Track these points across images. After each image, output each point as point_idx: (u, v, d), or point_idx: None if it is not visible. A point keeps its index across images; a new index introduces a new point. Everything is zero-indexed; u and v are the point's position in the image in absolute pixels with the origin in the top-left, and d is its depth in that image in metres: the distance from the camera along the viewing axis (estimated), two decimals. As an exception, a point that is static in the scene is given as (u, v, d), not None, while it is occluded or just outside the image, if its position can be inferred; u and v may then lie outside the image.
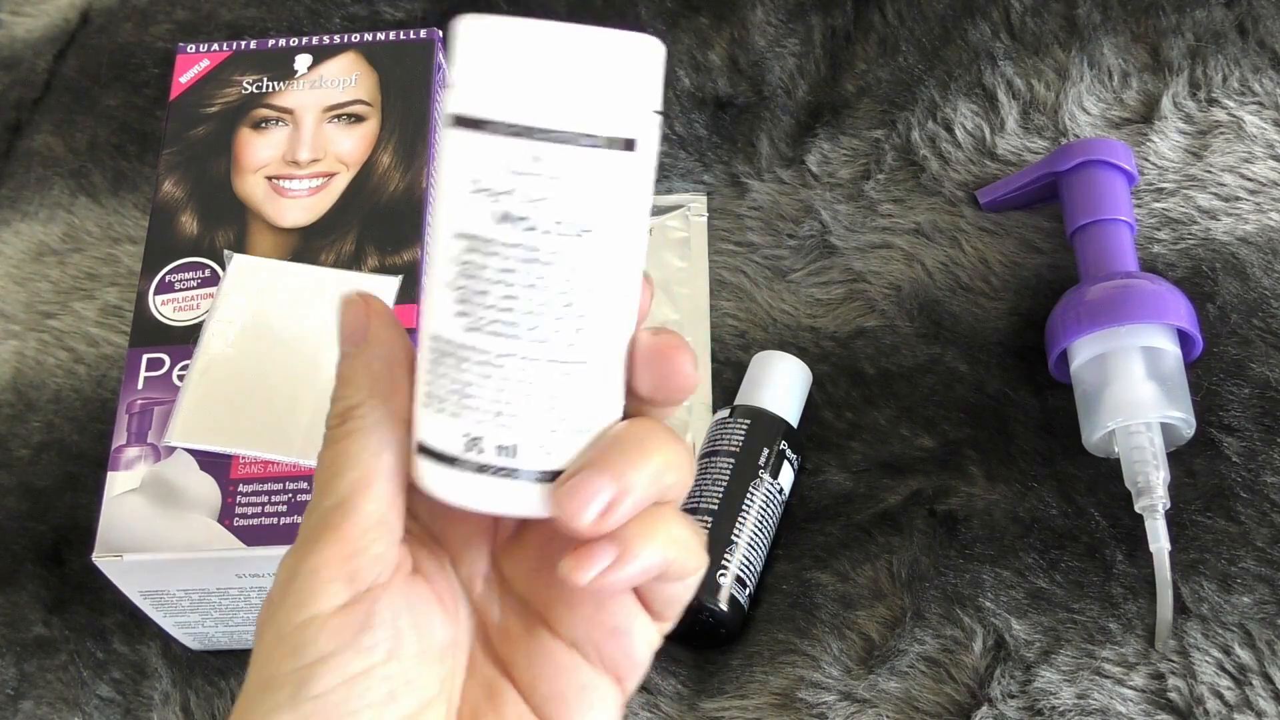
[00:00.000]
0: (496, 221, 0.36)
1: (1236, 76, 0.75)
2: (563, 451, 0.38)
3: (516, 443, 0.37)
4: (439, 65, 0.68)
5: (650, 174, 0.37)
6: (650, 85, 0.37)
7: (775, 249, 0.73)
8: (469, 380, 0.37)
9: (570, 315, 0.37)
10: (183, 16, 0.84)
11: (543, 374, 0.37)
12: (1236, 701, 0.59)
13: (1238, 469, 0.64)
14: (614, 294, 0.38)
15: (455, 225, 0.37)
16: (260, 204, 0.64)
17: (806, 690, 0.61)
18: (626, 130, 0.36)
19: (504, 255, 0.36)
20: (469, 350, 0.37)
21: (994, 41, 0.78)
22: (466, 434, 0.38)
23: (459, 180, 0.37)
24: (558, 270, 0.36)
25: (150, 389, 0.59)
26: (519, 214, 0.36)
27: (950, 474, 0.65)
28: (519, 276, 0.36)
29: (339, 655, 0.37)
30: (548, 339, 0.37)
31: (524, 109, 0.35)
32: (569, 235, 0.36)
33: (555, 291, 0.37)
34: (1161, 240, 0.70)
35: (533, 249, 0.36)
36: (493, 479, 0.38)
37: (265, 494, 0.56)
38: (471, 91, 0.36)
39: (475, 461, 0.38)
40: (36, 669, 0.66)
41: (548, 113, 0.35)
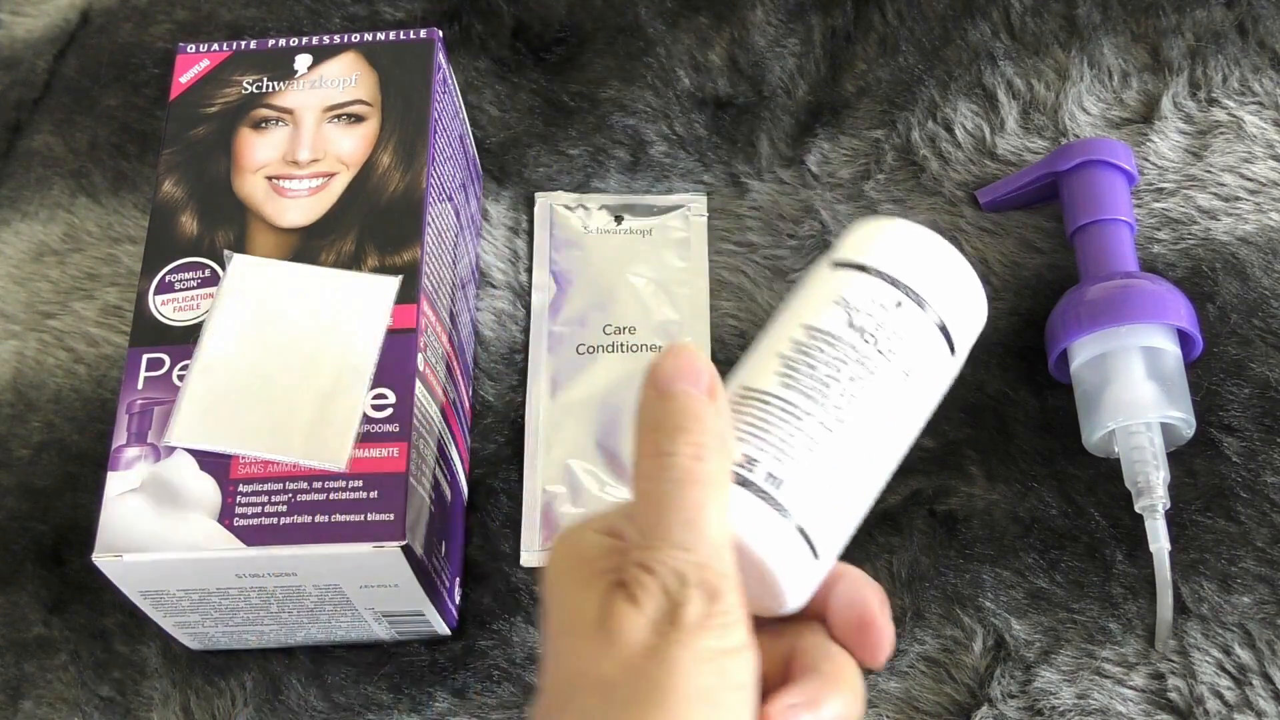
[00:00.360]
0: (846, 326, 0.46)
1: (1236, 76, 0.75)
2: (817, 519, 0.44)
3: (785, 478, 0.43)
4: (439, 65, 0.68)
5: (950, 380, 0.47)
6: (969, 332, 0.48)
7: (775, 249, 0.73)
8: (768, 419, 0.44)
9: (868, 417, 0.45)
10: (183, 16, 0.84)
11: (830, 443, 0.44)
12: (1236, 701, 0.59)
13: (1238, 469, 0.64)
14: (904, 430, 0.46)
15: (807, 318, 0.46)
16: (260, 204, 0.64)
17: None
18: (952, 332, 0.47)
19: (841, 350, 0.45)
20: (777, 399, 0.44)
21: (994, 41, 0.78)
22: (747, 454, 0.43)
23: (827, 294, 0.47)
24: (876, 383, 0.45)
25: (150, 389, 0.59)
26: (869, 330, 0.46)
27: (950, 474, 0.65)
28: (846, 369, 0.45)
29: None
30: (845, 420, 0.44)
31: (901, 270, 0.47)
32: (894, 366, 0.45)
33: (867, 394, 0.45)
34: (1161, 240, 0.70)
35: (865, 357, 0.45)
36: (754, 497, 0.42)
37: (265, 494, 0.56)
38: (863, 247, 0.47)
39: (744, 476, 0.43)
40: (36, 669, 0.66)
41: (916, 281, 0.47)
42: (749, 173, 0.76)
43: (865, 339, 0.46)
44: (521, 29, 0.82)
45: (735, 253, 0.74)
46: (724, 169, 0.76)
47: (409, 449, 0.57)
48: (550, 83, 0.80)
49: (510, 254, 0.75)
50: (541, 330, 0.72)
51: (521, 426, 0.69)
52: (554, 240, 0.74)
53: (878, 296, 0.47)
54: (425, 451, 0.59)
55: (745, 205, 0.75)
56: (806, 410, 0.44)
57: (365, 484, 0.56)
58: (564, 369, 0.70)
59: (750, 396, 0.45)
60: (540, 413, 0.69)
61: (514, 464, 0.68)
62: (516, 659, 0.64)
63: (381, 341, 0.60)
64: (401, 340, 0.60)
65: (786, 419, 0.44)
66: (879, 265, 0.48)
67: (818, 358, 0.45)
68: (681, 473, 0.40)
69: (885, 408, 0.46)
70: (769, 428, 0.44)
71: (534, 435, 0.69)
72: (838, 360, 0.45)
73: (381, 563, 0.56)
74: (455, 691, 0.63)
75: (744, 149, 0.77)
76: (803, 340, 0.46)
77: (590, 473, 0.68)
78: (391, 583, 0.58)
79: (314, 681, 0.64)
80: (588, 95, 0.79)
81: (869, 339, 0.46)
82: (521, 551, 0.66)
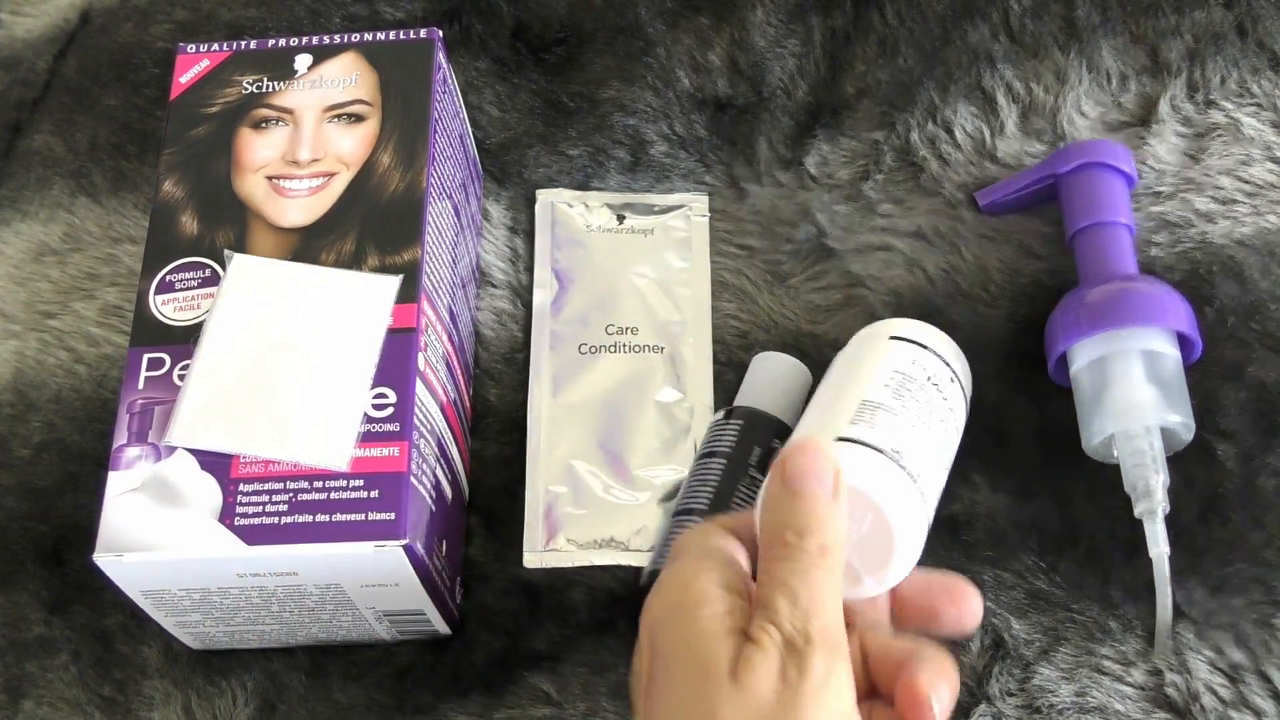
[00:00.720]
0: (925, 380, 0.55)
1: (1235, 78, 0.75)
2: (930, 491, 0.53)
3: (920, 474, 0.51)
4: (439, 65, 0.68)
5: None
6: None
7: (774, 253, 0.74)
8: (897, 425, 0.52)
9: (944, 447, 0.54)
10: (183, 16, 0.84)
11: (926, 447, 0.53)
12: (1232, 699, 0.59)
13: (1233, 474, 0.64)
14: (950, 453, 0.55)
15: (895, 365, 0.55)
16: (260, 204, 0.64)
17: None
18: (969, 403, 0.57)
19: (928, 392, 0.54)
20: (900, 410, 0.53)
21: (993, 43, 0.78)
22: (894, 446, 0.51)
23: (903, 356, 0.56)
24: (944, 425, 0.54)
25: (151, 389, 0.59)
26: (943, 390, 0.55)
27: (951, 479, 0.65)
28: (934, 406, 0.54)
29: None
30: (935, 441, 0.53)
31: (949, 354, 0.57)
32: (950, 422, 0.55)
33: (942, 429, 0.54)
34: (1159, 243, 0.71)
35: (939, 403, 0.55)
36: (906, 477, 0.50)
37: (266, 493, 0.57)
38: (916, 332, 0.57)
39: (898, 461, 0.51)
40: (38, 669, 0.66)
41: (956, 364, 0.57)
42: (748, 175, 0.76)
43: (939, 392, 0.55)
44: (521, 29, 0.82)
45: (736, 255, 0.74)
46: (724, 170, 0.76)
47: (410, 448, 0.57)
48: (550, 83, 0.80)
49: (510, 253, 0.75)
50: (544, 328, 0.72)
51: (523, 426, 0.69)
52: (555, 238, 0.74)
53: (939, 370, 0.56)
54: (426, 451, 0.59)
55: (745, 209, 0.75)
56: (919, 427, 0.53)
57: (366, 483, 0.57)
58: (566, 368, 0.70)
59: (878, 406, 0.53)
60: (542, 412, 0.69)
61: (515, 464, 0.69)
62: (518, 658, 0.64)
63: (382, 341, 0.60)
64: (402, 339, 0.60)
65: (913, 427, 0.53)
66: (934, 346, 0.57)
67: (917, 394, 0.54)
68: (809, 563, 0.46)
69: (948, 448, 0.55)
70: (901, 431, 0.52)
71: (536, 435, 0.69)
72: (929, 401, 0.54)
73: (383, 562, 0.56)
74: (456, 691, 0.63)
75: (744, 150, 0.77)
76: (899, 379, 0.55)
77: (592, 473, 0.68)
78: (392, 582, 0.58)
79: (315, 681, 0.64)
80: (588, 95, 0.79)
81: (941, 393, 0.55)
82: (524, 552, 0.66)
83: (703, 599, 0.46)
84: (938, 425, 0.54)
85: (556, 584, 0.66)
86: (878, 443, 0.51)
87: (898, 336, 0.57)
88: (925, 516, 0.52)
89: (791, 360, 0.68)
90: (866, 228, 0.73)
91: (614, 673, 0.63)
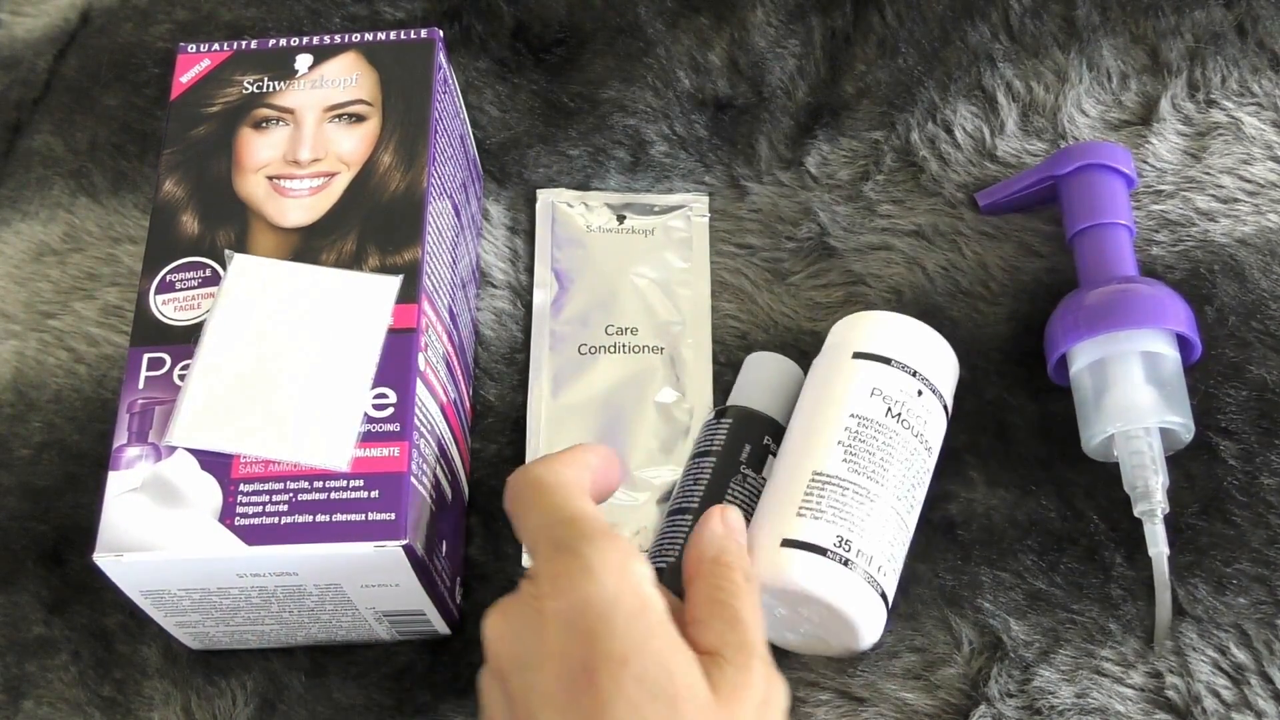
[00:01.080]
0: (885, 414, 0.60)
1: (1235, 77, 0.75)
2: (890, 580, 0.59)
3: (873, 554, 0.58)
4: (439, 65, 0.68)
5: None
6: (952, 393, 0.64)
7: (774, 251, 0.74)
8: (847, 503, 0.58)
9: (910, 486, 0.60)
10: (183, 16, 0.84)
11: (891, 515, 0.59)
12: (1234, 701, 0.59)
13: (1234, 472, 0.64)
14: (924, 488, 0.62)
15: (853, 408, 0.60)
16: (261, 204, 0.64)
17: (804, 690, 0.61)
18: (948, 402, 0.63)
19: (887, 435, 0.60)
20: (851, 484, 0.58)
21: (993, 43, 0.78)
22: (839, 536, 0.57)
23: (862, 383, 0.61)
24: (911, 459, 0.60)
25: (151, 388, 0.59)
26: (903, 416, 0.60)
27: (949, 479, 0.65)
28: (894, 453, 0.59)
29: None
30: (899, 495, 0.59)
31: (917, 361, 0.62)
32: (919, 443, 0.61)
33: (907, 469, 0.60)
34: (1160, 242, 0.71)
35: (903, 439, 0.60)
36: (851, 572, 0.57)
37: (266, 494, 0.56)
38: (881, 341, 0.62)
39: (843, 556, 0.57)
40: (37, 669, 0.66)
41: (927, 369, 0.62)
42: (748, 175, 0.76)
43: (902, 424, 0.60)
44: (521, 29, 0.82)
45: (736, 254, 0.74)
46: (724, 170, 0.76)
47: (410, 448, 0.57)
48: (550, 83, 0.80)
49: (510, 254, 0.75)
50: (543, 328, 0.72)
51: (522, 427, 0.69)
52: (556, 238, 0.74)
53: (904, 386, 0.60)
54: (426, 451, 0.59)
55: (745, 208, 0.75)
56: (873, 494, 0.58)
57: (366, 483, 0.57)
58: (566, 369, 0.70)
59: (828, 481, 0.58)
60: (542, 413, 0.69)
61: (515, 464, 0.69)
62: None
63: (382, 341, 0.60)
64: (402, 340, 0.60)
65: (861, 501, 0.58)
66: (900, 358, 0.61)
67: (871, 444, 0.59)
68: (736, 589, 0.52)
69: (917, 476, 0.60)
70: (849, 510, 0.58)
71: (536, 435, 0.69)
72: (887, 446, 0.59)
73: (383, 562, 0.56)
74: (456, 691, 0.63)
75: (744, 150, 0.77)
76: (855, 429, 0.59)
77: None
78: (392, 582, 0.58)
79: (315, 681, 0.64)
80: (588, 96, 0.79)
81: (904, 423, 0.60)
82: (523, 552, 0.66)
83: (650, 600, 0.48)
84: (897, 468, 0.59)
85: (557, 584, 0.66)
86: (820, 540, 0.57)
87: (861, 353, 0.62)
88: (882, 588, 0.58)
89: (780, 358, 0.68)
90: (867, 228, 0.73)
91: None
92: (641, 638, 0.46)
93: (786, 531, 0.58)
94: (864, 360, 0.61)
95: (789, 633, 0.61)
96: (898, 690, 0.60)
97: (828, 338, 0.65)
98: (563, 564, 0.48)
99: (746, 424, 0.65)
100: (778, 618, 0.60)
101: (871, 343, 0.62)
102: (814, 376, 0.64)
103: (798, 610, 0.59)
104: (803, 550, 0.57)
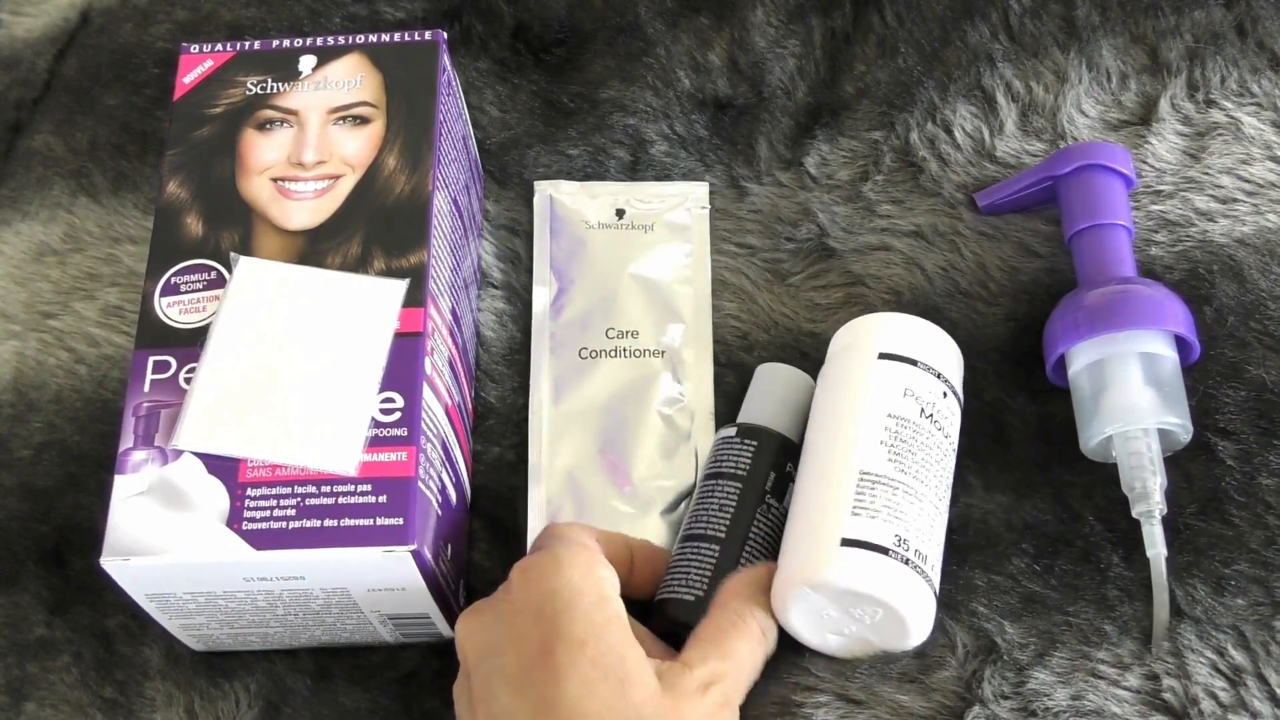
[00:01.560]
0: (919, 415, 0.60)
1: (1235, 78, 0.75)
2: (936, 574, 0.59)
3: (927, 554, 0.58)
4: (444, 67, 0.68)
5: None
6: None
7: (774, 251, 0.74)
8: (899, 502, 0.58)
9: (944, 482, 0.61)
10: (183, 16, 0.84)
11: (935, 511, 0.59)
12: (1231, 702, 0.59)
13: (1233, 472, 0.64)
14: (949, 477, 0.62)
15: (889, 408, 0.60)
16: (265, 206, 0.64)
17: (801, 694, 0.61)
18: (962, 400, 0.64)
19: (924, 435, 0.60)
20: (901, 484, 0.58)
21: (993, 43, 0.78)
22: (897, 535, 0.57)
23: (895, 384, 0.61)
24: (943, 456, 0.61)
25: (157, 392, 0.59)
26: (934, 416, 0.61)
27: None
28: (931, 452, 0.60)
29: None
30: (939, 492, 0.60)
31: (939, 363, 0.62)
32: (947, 441, 0.61)
33: (941, 465, 0.60)
34: (1159, 243, 0.71)
35: (936, 439, 0.60)
36: (912, 572, 0.57)
37: (273, 498, 0.57)
38: (908, 344, 0.62)
39: (903, 555, 0.57)
40: (39, 670, 0.66)
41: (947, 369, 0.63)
42: (748, 175, 0.76)
43: (934, 424, 0.60)
44: (522, 29, 0.82)
45: (736, 254, 0.74)
46: (724, 170, 0.76)
47: (417, 453, 0.57)
48: (550, 83, 0.80)
49: (510, 254, 0.75)
50: (543, 327, 0.72)
51: (523, 429, 0.69)
52: (554, 232, 0.74)
53: (931, 388, 0.61)
54: (433, 455, 0.60)
55: (745, 208, 0.75)
56: (920, 493, 0.59)
57: (374, 488, 0.57)
58: (566, 374, 0.70)
59: (877, 480, 0.58)
60: (543, 418, 0.69)
61: (517, 466, 0.69)
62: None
63: (389, 345, 0.60)
64: (409, 344, 0.60)
65: (911, 501, 0.58)
66: (925, 360, 0.62)
67: (912, 444, 0.59)
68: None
69: (947, 471, 0.61)
70: (902, 509, 0.58)
71: (537, 444, 0.69)
72: (925, 446, 0.60)
73: (391, 567, 0.56)
74: (461, 694, 0.63)
75: (744, 151, 0.77)
76: (894, 429, 0.59)
77: (594, 483, 0.67)
78: (399, 587, 0.58)
79: (318, 684, 0.64)
80: (588, 96, 0.79)
81: (936, 424, 0.60)
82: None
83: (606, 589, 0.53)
84: (935, 467, 0.60)
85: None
86: (880, 540, 0.57)
87: (886, 354, 0.62)
88: (934, 587, 0.58)
89: (796, 372, 0.67)
90: (867, 228, 0.73)
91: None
92: (600, 626, 0.51)
93: (844, 531, 0.57)
94: (891, 361, 0.62)
95: (832, 635, 0.60)
96: (893, 693, 0.60)
97: (835, 341, 0.65)
98: (534, 560, 0.53)
99: (772, 449, 0.64)
100: (824, 619, 0.59)
101: (896, 344, 0.62)
102: (834, 379, 0.63)
103: (850, 611, 0.58)
104: (865, 549, 0.57)
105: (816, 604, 0.58)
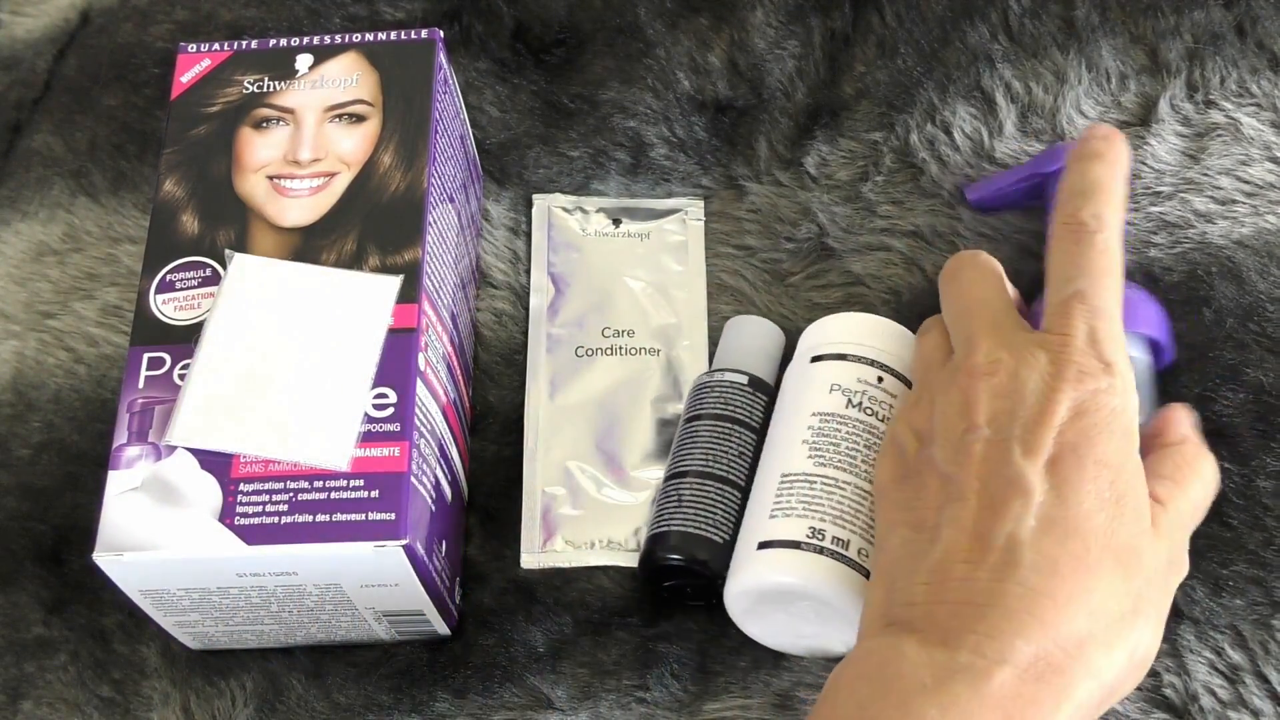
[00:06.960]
0: (845, 407, 0.60)
1: (1234, 78, 0.75)
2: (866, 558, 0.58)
3: (849, 539, 0.57)
4: (440, 66, 0.68)
5: None
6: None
7: (773, 252, 0.74)
8: (816, 495, 0.58)
9: (865, 460, 0.59)
10: (183, 16, 0.84)
11: (863, 500, 0.58)
12: (1230, 699, 0.59)
13: (1231, 474, 0.64)
14: None
15: (814, 407, 0.61)
16: (261, 203, 0.64)
17: (803, 690, 0.61)
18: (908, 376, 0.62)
19: (850, 425, 0.60)
20: (817, 477, 0.59)
21: (992, 44, 0.78)
22: (812, 527, 0.57)
23: (822, 385, 0.61)
24: (877, 430, 0.60)
25: (151, 388, 0.60)
26: (864, 405, 0.61)
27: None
28: (859, 438, 0.60)
29: None
30: (867, 474, 0.59)
31: (875, 352, 0.62)
32: (882, 422, 0.60)
33: (872, 443, 0.60)
34: (1158, 244, 0.71)
35: (867, 423, 0.60)
36: (829, 560, 0.57)
37: (266, 493, 0.57)
38: (836, 339, 0.63)
39: (817, 545, 0.57)
40: (36, 669, 0.66)
41: (883, 355, 0.62)
42: (747, 175, 0.76)
43: (864, 411, 0.60)
44: (521, 30, 0.82)
45: (734, 256, 0.74)
46: (723, 171, 0.76)
47: (410, 448, 0.57)
48: (550, 84, 0.80)
49: (510, 254, 0.75)
50: (540, 332, 0.72)
51: (521, 427, 0.69)
52: (552, 242, 0.74)
53: (862, 375, 0.61)
54: (426, 451, 0.60)
55: (744, 208, 0.75)
56: (843, 482, 0.58)
57: (366, 483, 0.57)
58: (563, 371, 0.71)
59: (795, 479, 0.59)
60: (539, 414, 0.69)
61: (514, 464, 0.69)
62: (516, 659, 0.64)
63: (383, 341, 0.60)
64: (402, 340, 0.60)
65: (831, 491, 0.58)
66: (855, 351, 0.62)
67: (834, 437, 0.60)
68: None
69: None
70: (819, 501, 0.58)
71: (533, 436, 0.69)
72: (850, 434, 0.60)
73: (383, 562, 0.56)
74: (455, 692, 0.63)
75: (743, 151, 0.77)
76: (817, 426, 0.60)
77: (589, 474, 0.68)
78: (392, 582, 0.58)
79: (314, 681, 0.64)
80: (588, 97, 0.79)
81: (867, 410, 0.61)
82: (521, 553, 0.66)
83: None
84: (866, 453, 0.60)
85: (554, 585, 0.66)
86: (793, 535, 0.57)
87: (818, 356, 0.63)
88: (866, 569, 0.57)
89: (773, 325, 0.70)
90: (866, 229, 0.73)
91: (612, 674, 0.63)
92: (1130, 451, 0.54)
93: (761, 535, 0.59)
94: (821, 361, 0.63)
95: (799, 639, 0.61)
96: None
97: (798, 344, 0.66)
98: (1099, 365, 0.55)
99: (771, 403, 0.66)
100: (780, 625, 0.60)
101: (826, 344, 0.63)
102: (781, 393, 0.65)
103: (789, 610, 0.59)
104: (778, 548, 0.58)
105: (760, 611, 0.59)
